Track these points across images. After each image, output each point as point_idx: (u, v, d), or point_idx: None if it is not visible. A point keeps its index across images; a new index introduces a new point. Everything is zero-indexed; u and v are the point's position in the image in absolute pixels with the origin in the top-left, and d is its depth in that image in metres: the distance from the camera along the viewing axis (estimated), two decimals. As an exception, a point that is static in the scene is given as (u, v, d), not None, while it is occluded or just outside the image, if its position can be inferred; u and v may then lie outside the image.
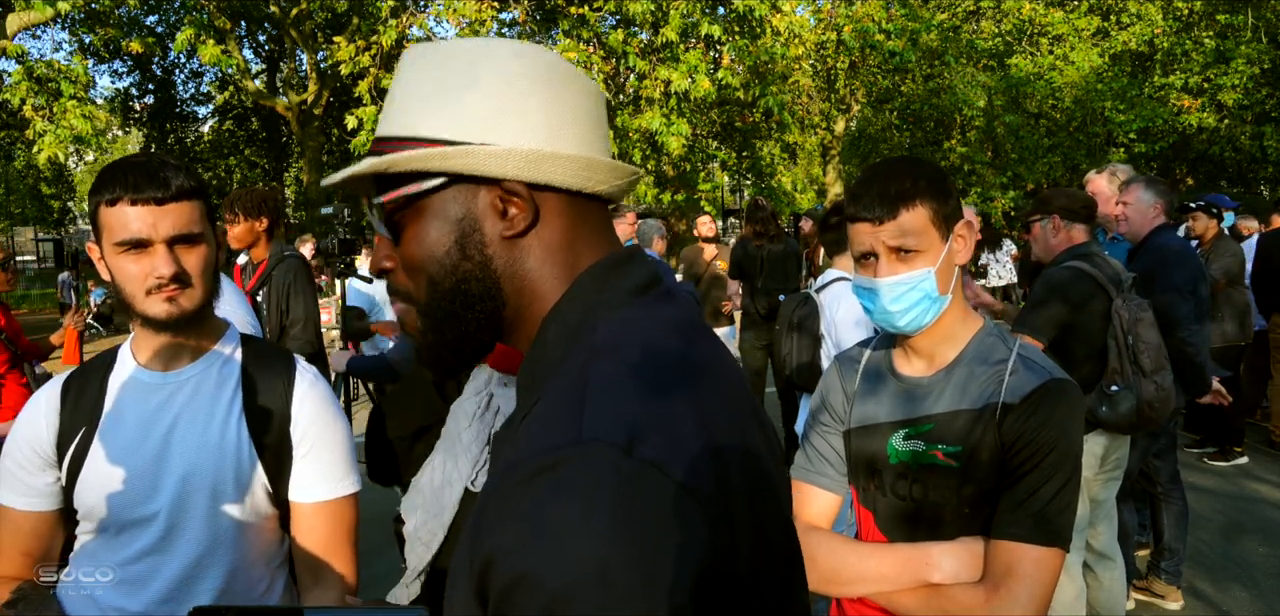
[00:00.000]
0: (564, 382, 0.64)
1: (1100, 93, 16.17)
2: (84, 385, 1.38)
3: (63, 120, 10.75)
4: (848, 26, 12.81)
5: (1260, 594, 3.98)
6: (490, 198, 0.72)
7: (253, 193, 4.08)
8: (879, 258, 1.35)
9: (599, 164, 0.75)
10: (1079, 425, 1.31)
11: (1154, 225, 3.48)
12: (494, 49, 0.74)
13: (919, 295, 1.34)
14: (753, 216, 6.14)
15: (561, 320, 0.72)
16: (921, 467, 1.38)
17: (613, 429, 0.57)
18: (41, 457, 1.35)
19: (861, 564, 1.39)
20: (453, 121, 0.71)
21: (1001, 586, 1.26)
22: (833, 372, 1.59)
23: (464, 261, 0.73)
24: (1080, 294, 2.84)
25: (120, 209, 1.25)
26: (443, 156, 0.70)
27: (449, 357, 0.77)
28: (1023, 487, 1.28)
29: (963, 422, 1.34)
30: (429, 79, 0.73)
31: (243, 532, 1.38)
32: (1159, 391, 2.78)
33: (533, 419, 0.64)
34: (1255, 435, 6.35)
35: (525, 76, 0.73)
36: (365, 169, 0.72)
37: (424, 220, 0.73)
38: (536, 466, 0.57)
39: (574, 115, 0.75)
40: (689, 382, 0.65)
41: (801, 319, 3.31)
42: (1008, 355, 1.36)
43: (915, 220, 1.32)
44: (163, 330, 1.32)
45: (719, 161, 16.08)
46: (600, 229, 0.78)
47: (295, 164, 25.46)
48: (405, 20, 11.34)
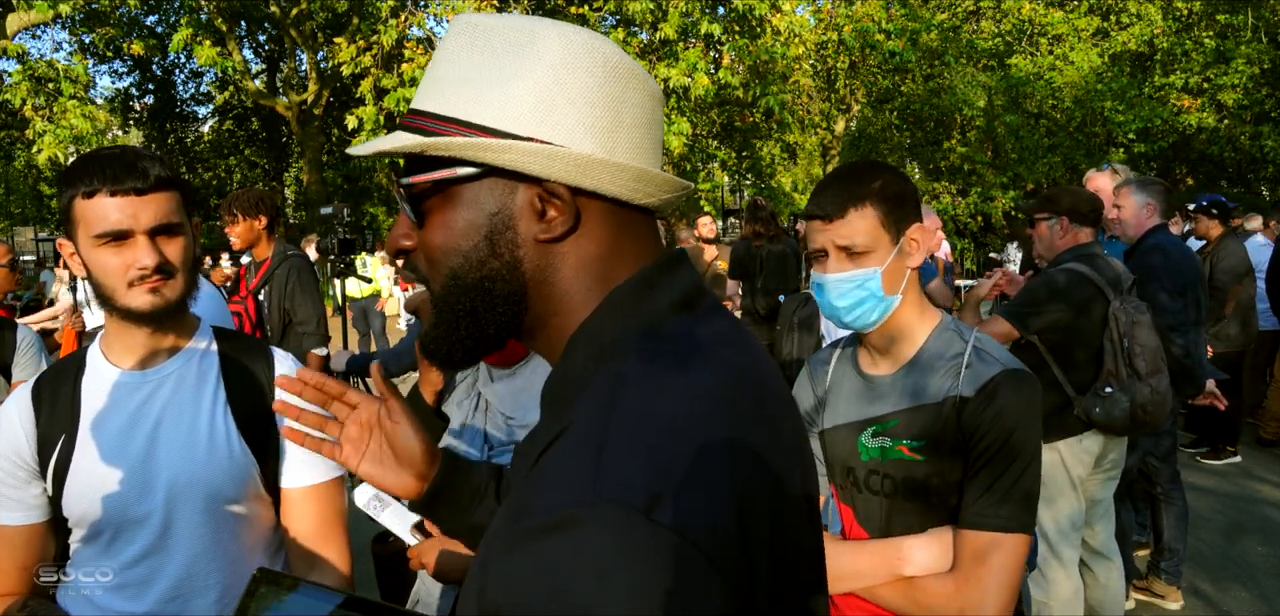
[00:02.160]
0: (587, 419, 0.59)
1: (1100, 93, 16.17)
2: (56, 391, 1.34)
3: (63, 120, 10.75)
4: (848, 26, 12.81)
5: (1260, 594, 3.98)
6: (529, 195, 0.66)
7: (249, 193, 4.11)
8: (828, 255, 1.42)
9: (652, 177, 0.69)
10: (1035, 412, 1.35)
11: (1148, 226, 3.48)
12: (549, 31, 0.67)
13: (864, 293, 1.39)
14: (753, 216, 6.14)
15: (591, 340, 0.67)
16: (890, 463, 1.43)
17: (633, 487, 0.53)
18: (26, 469, 1.32)
19: (839, 561, 1.43)
20: (498, 109, 0.65)
21: (971, 575, 1.31)
22: (804, 376, 1.65)
23: (492, 259, 0.67)
24: (1079, 297, 2.84)
25: (98, 201, 1.22)
26: (485, 148, 0.64)
27: (458, 354, 0.72)
28: (984, 477, 1.33)
29: (924, 417, 1.39)
30: (476, 56, 0.67)
31: (241, 525, 1.38)
32: (1154, 395, 2.78)
33: (552, 456, 0.59)
34: (1248, 433, 6.34)
35: (582, 66, 0.66)
36: (399, 147, 0.67)
37: (453, 207, 0.68)
38: (551, 522, 0.53)
39: (633, 119, 0.69)
40: (723, 409, 0.61)
41: (804, 318, 3.31)
42: (964, 348, 1.40)
43: (863, 222, 1.37)
44: (145, 323, 1.29)
45: (719, 161, 16.08)
46: (643, 240, 0.71)
47: (295, 164, 25.45)
48: (405, 19, 11.33)
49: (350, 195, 22.90)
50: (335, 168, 22.66)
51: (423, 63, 10.71)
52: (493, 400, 1.64)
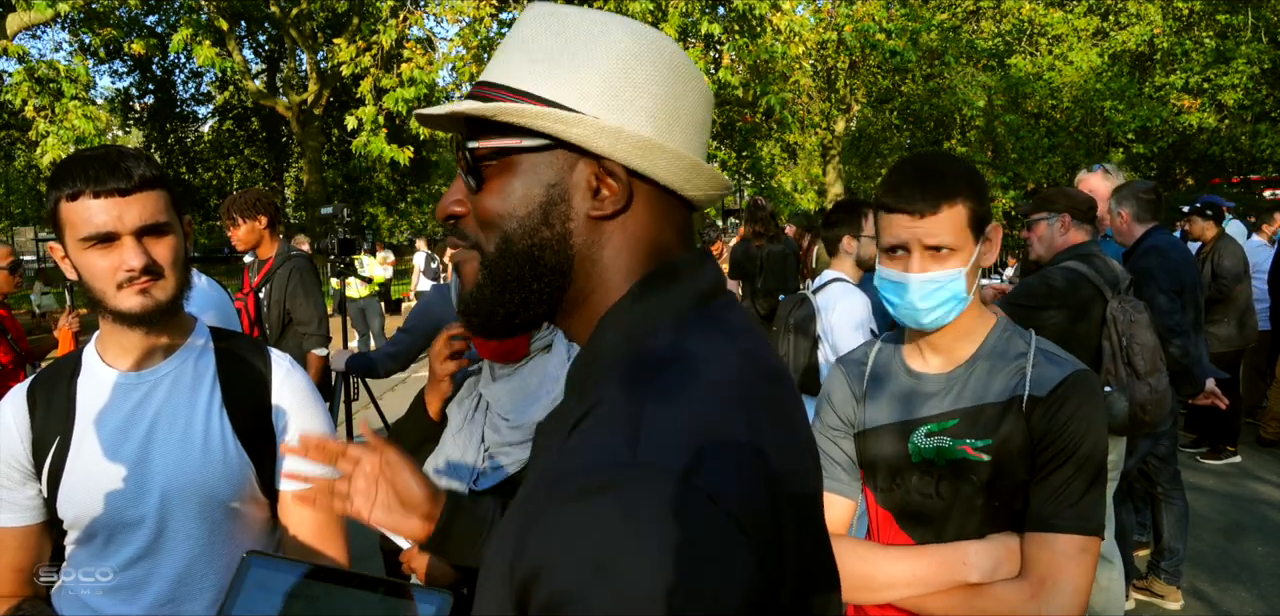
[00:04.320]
0: (622, 391, 0.62)
1: (1100, 93, 16.16)
2: (51, 392, 1.33)
3: (65, 121, 10.74)
4: (848, 26, 12.79)
5: (1260, 594, 3.98)
6: (587, 172, 0.70)
7: (245, 195, 4.12)
8: (912, 252, 1.34)
9: (703, 170, 0.73)
10: (1103, 413, 1.32)
11: (1146, 226, 3.48)
12: (618, 25, 0.71)
13: (948, 295, 1.33)
14: (753, 216, 6.14)
15: (621, 322, 0.70)
16: (948, 463, 1.37)
17: (670, 453, 0.56)
18: (21, 471, 1.32)
19: (894, 568, 1.37)
20: (567, 87, 0.68)
21: (1047, 580, 1.25)
22: (838, 376, 1.57)
23: (544, 228, 0.70)
24: (1078, 298, 2.84)
25: (82, 203, 1.21)
26: (555, 118, 0.67)
27: (498, 318, 0.73)
28: (1057, 479, 1.28)
29: (990, 416, 1.34)
30: (548, 37, 0.70)
31: (236, 528, 1.37)
32: (1153, 393, 2.78)
33: (588, 427, 0.62)
34: (1248, 433, 6.34)
35: (648, 59, 0.70)
36: (474, 110, 0.69)
37: (513, 176, 0.70)
38: (591, 484, 0.55)
39: (689, 115, 0.73)
40: (747, 400, 0.64)
41: (799, 321, 3.30)
42: (1027, 349, 1.36)
43: (954, 219, 1.31)
44: (137, 324, 1.27)
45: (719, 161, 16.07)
46: (681, 232, 0.75)
47: (295, 164, 25.45)
48: (404, 19, 11.33)
49: (350, 195, 22.90)
50: (335, 168, 22.66)
51: (422, 63, 10.70)
52: (493, 402, 1.64)
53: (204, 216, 23.26)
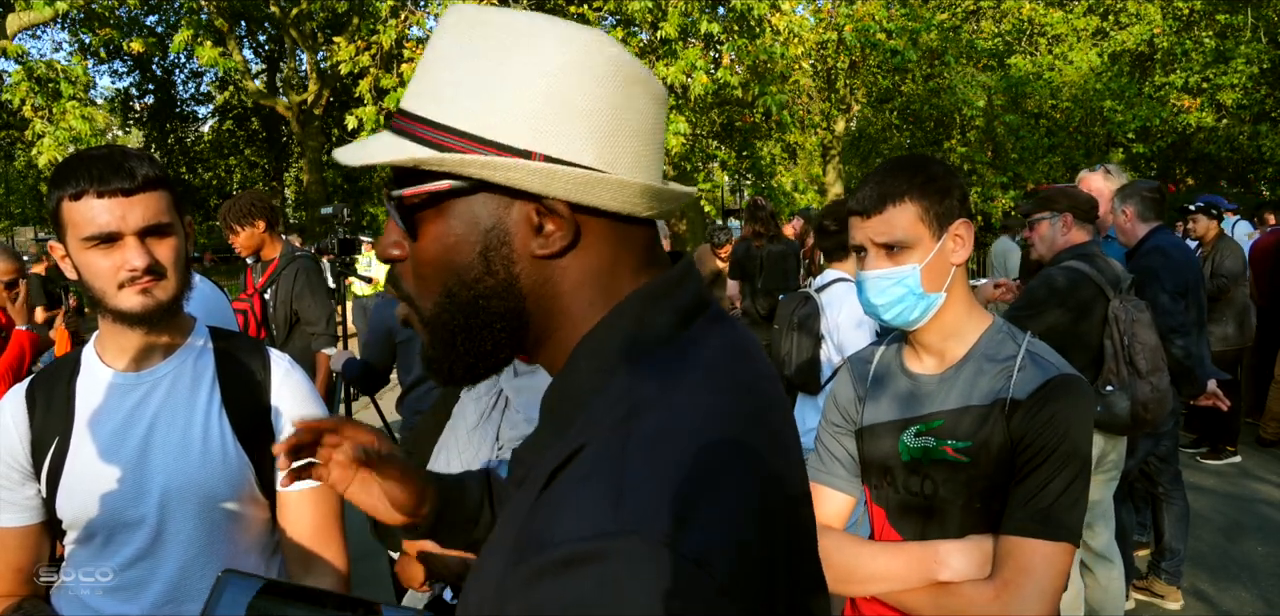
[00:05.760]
0: (603, 441, 0.58)
1: (1100, 92, 16.16)
2: (51, 391, 1.33)
3: (63, 121, 10.73)
4: (848, 26, 12.79)
5: (1260, 594, 3.98)
6: (526, 211, 0.64)
7: (240, 201, 4.09)
8: (868, 251, 1.39)
9: (654, 191, 0.66)
10: (1088, 420, 1.32)
11: (1149, 226, 3.48)
12: (548, 34, 0.63)
13: (902, 290, 1.36)
14: (753, 216, 6.13)
15: (596, 350, 0.65)
16: (932, 463, 1.40)
17: (654, 516, 0.52)
18: (20, 471, 1.32)
19: (873, 563, 1.40)
20: (493, 116, 0.62)
21: (1011, 582, 1.27)
22: (845, 374, 1.60)
23: (487, 276, 0.65)
24: (1079, 297, 2.84)
25: (86, 202, 1.21)
26: (478, 165, 0.61)
27: (459, 371, 0.69)
28: (1032, 483, 1.29)
29: (972, 418, 1.35)
30: (470, 56, 0.63)
31: (235, 529, 1.37)
32: (1154, 392, 2.78)
33: (569, 480, 0.57)
34: (1248, 433, 6.34)
35: (584, 71, 0.63)
36: (388, 159, 0.63)
37: (446, 220, 0.65)
38: (573, 556, 0.51)
39: (635, 126, 0.66)
40: (733, 436, 0.60)
41: (803, 319, 3.30)
42: (1016, 351, 1.37)
43: (901, 217, 1.35)
44: (137, 325, 1.27)
45: (719, 161, 16.06)
46: (645, 250, 0.69)
47: (295, 164, 25.43)
48: (404, 19, 11.32)
49: (350, 195, 22.89)
50: (335, 167, 22.63)
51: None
52: (513, 397, 1.62)
53: (204, 217, 23.27)
